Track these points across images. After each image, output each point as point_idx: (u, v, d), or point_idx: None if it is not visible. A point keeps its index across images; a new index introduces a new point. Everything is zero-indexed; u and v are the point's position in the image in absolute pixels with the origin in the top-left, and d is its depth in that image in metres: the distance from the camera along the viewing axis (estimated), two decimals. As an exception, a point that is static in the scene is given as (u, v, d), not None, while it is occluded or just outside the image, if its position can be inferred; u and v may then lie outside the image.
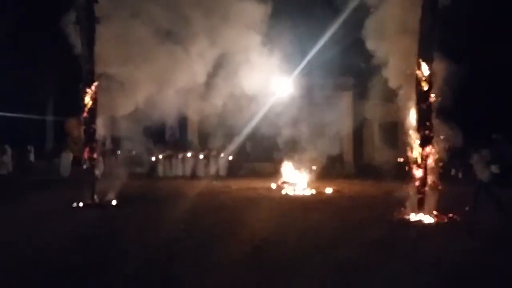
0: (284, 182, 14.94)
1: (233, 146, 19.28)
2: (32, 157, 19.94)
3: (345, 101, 20.88)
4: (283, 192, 14.09)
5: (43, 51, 19.92)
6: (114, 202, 11.16)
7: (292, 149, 15.99)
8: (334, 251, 6.76)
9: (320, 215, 10.17)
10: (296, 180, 14.78)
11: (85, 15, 10.58)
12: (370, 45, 10.42)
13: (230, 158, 19.65)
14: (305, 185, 14.43)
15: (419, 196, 9.20)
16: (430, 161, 9.20)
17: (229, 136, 18.65)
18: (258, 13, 13.27)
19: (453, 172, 17.43)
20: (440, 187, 9.38)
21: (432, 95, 9.18)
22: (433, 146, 9.18)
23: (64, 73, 13.08)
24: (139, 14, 11.62)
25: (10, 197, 12.87)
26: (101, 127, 11.42)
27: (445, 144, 9.36)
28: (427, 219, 9.08)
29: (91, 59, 10.72)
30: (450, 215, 9.19)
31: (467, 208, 9.48)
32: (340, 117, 20.23)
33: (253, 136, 20.08)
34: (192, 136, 21.06)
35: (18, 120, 20.80)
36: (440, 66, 9.26)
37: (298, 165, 15.23)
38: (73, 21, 10.74)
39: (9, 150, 18.52)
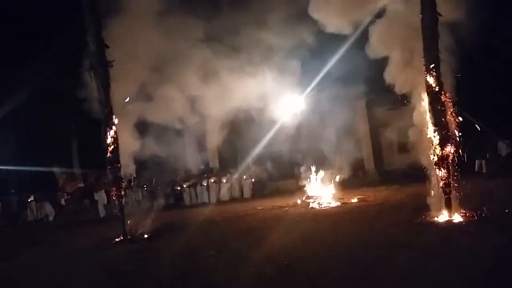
0: (308, 197, 15.00)
1: (254, 167, 19.50)
2: (62, 201, 20.61)
3: (360, 110, 20.95)
4: (309, 207, 14.15)
5: (64, 103, 20.76)
6: (145, 236, 11.43)
7: (313, 163, 16.09)
8: (367, 261, 6.81)
9: (349, 226, 10.22)
10: (320, 193, 14.83)
11: (97, 61, 11.03)
12: (373, 50, 10.61)
13: (253, 179, 19.81)
14: (330, 197, 14.47)
15: (445, 196, 9.20)
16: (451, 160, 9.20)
17: (250, 157, 18.87)
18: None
19: (477, 166, 17.29)
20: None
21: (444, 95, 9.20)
22: (452, 145, 9.20)
23: (85, 119, 13.57)
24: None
25: (46, 239, 13.33)
26: (125, 165, 11.81)
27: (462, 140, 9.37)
28: (456, 218, 9.06)
29: (108, 102, 11.10)
30: (479, 212, 9.15)
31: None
32: (356, 126, 20.36)
33: (273, 155, 20.32)
34: (213, 162, 21.35)
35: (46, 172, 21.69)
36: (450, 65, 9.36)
37: (321, 178, 15.31)
38: (88, 68, 11.20)
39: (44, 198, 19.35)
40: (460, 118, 9.48)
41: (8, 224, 17.63)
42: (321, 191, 14.94)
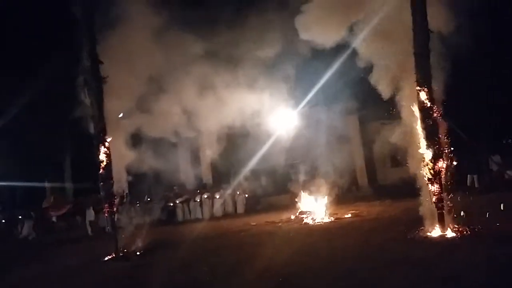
0: (302, 212, 14.97)
1: (247, 182, 19.47)
2: (54, 218, 20.43)
3: (352, 125, 21.10)
4: (303, 222, 14.12)
5: (57, 118, 20.75)
6: (138, 252, 11.32)
7: (306, 178, 16.11)
8: (363, 275, 6.81)
9: (343, 240, 10.21)
10: (314, 208, 14.81)
11: (91, 77, 11.04)
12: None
13: (246, 195, 19.77)
14: (324, 212, 14.45)
15: (438, 211, 9.22)
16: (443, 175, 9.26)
17: (243, 173, 18.86)
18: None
19: (469, 181, 17.38)
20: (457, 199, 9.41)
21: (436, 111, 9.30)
22: (444, 160, 9.27)
23: (78, 135, 13.56)
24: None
25: (37, 256, 13.20)
26: (118, 180, 11.75)
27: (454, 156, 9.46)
28: (449, 233, 9.08)
29: (102, 118, 11.09)
30: (472, 226, 9.18)
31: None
32: (350, 141, 20.47)
33: (267, 170, 20.31)
34: (206, 177, 21.32)
35: (38, 187, 21.57)
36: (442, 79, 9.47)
37: (314, 193, 15.30)
38: (82, 84, 11.20)
39: (33, 215, 19.12)
40: (451, 133, 9.57)
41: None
42: (315, 206, 14.91)
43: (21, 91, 19.27)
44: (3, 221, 19.67)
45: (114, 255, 10.98)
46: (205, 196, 19.58)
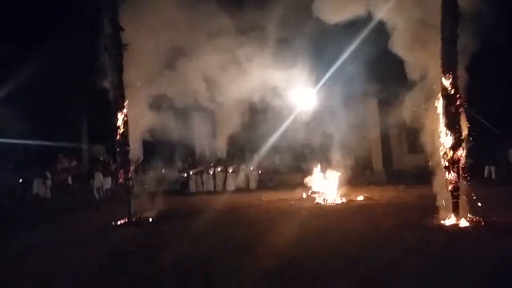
0: (314, 192, 14.98)
1: (261, 159, 19.48)
2: (70, 180, 20.81)
3: (371, 108, 20.79)
4: (314, 202, 14.13)
5: (76, 80, 20.91)
6: (150, 220, 11.49)
7: (321, 159, 16.05)
8: (371, 260, 6.80)
9: (354, 224, 10.17)
10: (326, 189, 14.80)
11: (112, 43, 11.02)
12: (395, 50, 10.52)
13: (260, 171, 19.83)
14: (336, 194, 14.42)
15: (453, 200, 9.12)
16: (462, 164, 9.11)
17: (258, 149, 18.86)
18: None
19: (486, 172, 17.15)
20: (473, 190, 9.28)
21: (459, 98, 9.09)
22: (463, 149, 9.10)
23: (97, 100, 13.62)
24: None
25: (52, 218, 13.45)
26: (133, 148, 11.86)
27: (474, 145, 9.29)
28: (463, 223, 9.00)
29: (120, 85, 11.10)
30: (486, 217, 9.07)
31: None
32: (367, 124, 20.22)
33: (281, 148, 20.27)
34: (221, 151, 21.37)
35: (55, 147, 21.84)
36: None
37: (328, 174, 15.26)
38: (102, 50, 11.19)
39: (48, 175, 19.47)
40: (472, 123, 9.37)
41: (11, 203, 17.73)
42: (327, 187, 14.89)
43: (42, 55, 19.35)
44: (20, 181, 20.04)
45: (126, 221, 11.18)
46: (219, 170, 19.68)
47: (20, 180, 19.17)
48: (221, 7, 13.10)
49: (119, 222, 11.18)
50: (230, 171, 19.62)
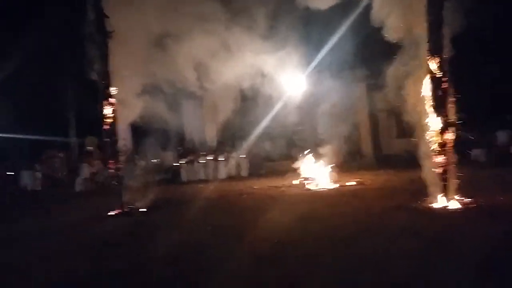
0: (305, 178, 15.01)
1: (252, 146, 19.47)
2: (59, 172, 20.71)
3: (360, 92, 20.85)
4: (305, 188, 14.18)
5: (62, 69, 20.64)
6: (142, 209, 11.46)
7: (311, 144, 16.07)
8: (363, 242, 6.85)
9: (345, 208, 10.24)
10: (317, 175, 14.84)
11: (96, 30, 10.85)
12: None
13: (250, 158, 19.84)
14: (327, 179, 14.48)
15: (443, 183, 9.20)
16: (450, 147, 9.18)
17: (248, 136, 18.84)
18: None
19: (473, 155, 17.29)
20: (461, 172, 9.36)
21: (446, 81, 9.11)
22: (452, 132, 9.16)
23: (83, 90, 13.44)
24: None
25: (43, 209, 13.35)
26: (122, 138, 11.75)
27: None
28: (453, 204, 9.09)
29: (106, 74, 10.97)
30: (475, 199, 9.17)
31: None
32: (355, 109, 20.29)
33: (271, 135, 20.29)
34: (211, 139, 21.32)
35: (43, 141, 21.68)
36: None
37: (318, 160, 15.29)
38: (86, 37, 11.01)
39: (37, 167, 19.37)
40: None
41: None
42: (318, 172, 14.94)
43: (26, 44, 19.05)
44: (12, 173, 19.87)
45: (118, 211, 11.13)
46: (209, 158, 19.66)
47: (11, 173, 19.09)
48: None
49: (111, 213, 11.12)
50: (221, 159, 19.60)
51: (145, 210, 11.43)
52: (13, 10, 21.29)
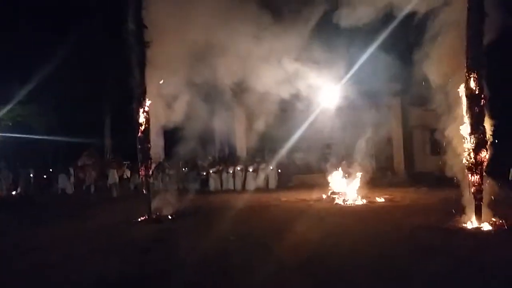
0: (334, 193, 14.85)
1: (281, 158, 19.43)
2: (91, 177, 21.21)
3: (394, 108, 20.56)
4: (334, 202, 14.01)
5: (99, 77, 21.31)
6: (170, 217, 11.61)
7: (342, 159, 15.91)
8: (391, 259, 6.73)
9: (374, 225, 10.06)
10: (346, 190, 14.66)
11: (135, 40, 11.17)
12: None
13: (279, 170, 19.79)
14: (356, 195, 14.27)
15: (476, 202, 8.92)
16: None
17: (278, 148, 18.83)
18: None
19: (511, 175, 16.67)
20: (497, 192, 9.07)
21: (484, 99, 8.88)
22: (487, 151, 8.89)
23: (119, 96, 13.81)
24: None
25: (77, 213, 13.74)
26: (155, 146, 12.00)
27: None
28: (486, 226, 8.79)
29: (143, 82, 11.24)
30: (509, 221, 8.84)
31: None
32: (390, 124, 19.99)
33: (302, 148, 20.20)
34: (240, 150, 21.43)
35: (79, 143, 22.36)
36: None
37: (348, 175, 15.11)
38: (125, 47, 11.34)
39: (71, 170, 19.96)
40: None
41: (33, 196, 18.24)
42: (347, 188, 14.75)
43: (68, 51, 19.80)
44: (44, 176, 20.55)
45: (146, 217, 11.32)
46: (238, 168, 19.73)
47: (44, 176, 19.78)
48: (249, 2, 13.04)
49: (139, 219, 11.32)
50: (250, 170, 19.63)
51: (173, 217, 11.58)
52: (57, 17, 22.20)
